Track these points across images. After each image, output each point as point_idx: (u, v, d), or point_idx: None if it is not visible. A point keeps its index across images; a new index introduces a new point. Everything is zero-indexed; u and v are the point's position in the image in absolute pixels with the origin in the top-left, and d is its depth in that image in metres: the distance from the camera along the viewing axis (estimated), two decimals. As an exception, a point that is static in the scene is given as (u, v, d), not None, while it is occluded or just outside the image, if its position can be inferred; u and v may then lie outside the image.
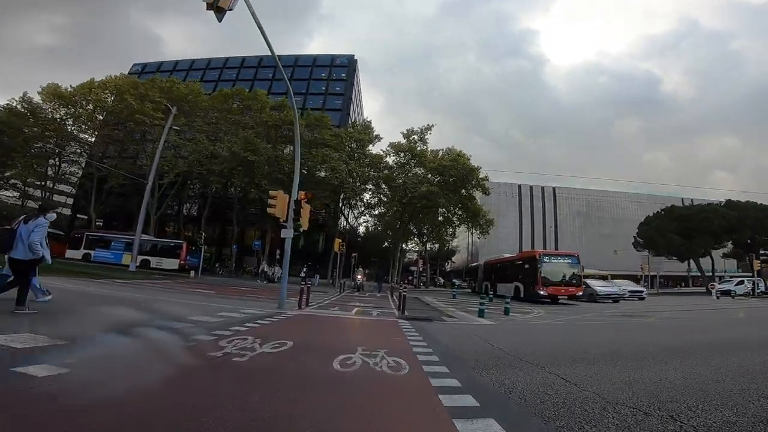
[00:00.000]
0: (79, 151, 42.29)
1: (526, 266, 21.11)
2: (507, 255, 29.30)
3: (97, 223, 47.32)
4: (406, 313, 11.26)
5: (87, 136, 41.86)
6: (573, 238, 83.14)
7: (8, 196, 48.52)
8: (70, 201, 54.62)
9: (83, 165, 44.98)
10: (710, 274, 52.58)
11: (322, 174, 33.76)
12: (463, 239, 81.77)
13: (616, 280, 27.26)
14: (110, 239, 30.76)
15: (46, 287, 7.46)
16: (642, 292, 26.20)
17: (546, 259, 20.10)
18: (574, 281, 19.78)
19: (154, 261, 27.89)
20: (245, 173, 31.99)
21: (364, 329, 8.38)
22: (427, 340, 6.29)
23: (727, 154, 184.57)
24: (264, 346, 4.84)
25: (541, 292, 19.26)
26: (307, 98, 58.20)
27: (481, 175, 33.97)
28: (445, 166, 32.88)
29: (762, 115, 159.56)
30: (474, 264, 43.07)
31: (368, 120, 42.55)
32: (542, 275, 19.42)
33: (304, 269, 24.22)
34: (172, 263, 28.32)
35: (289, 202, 11.83)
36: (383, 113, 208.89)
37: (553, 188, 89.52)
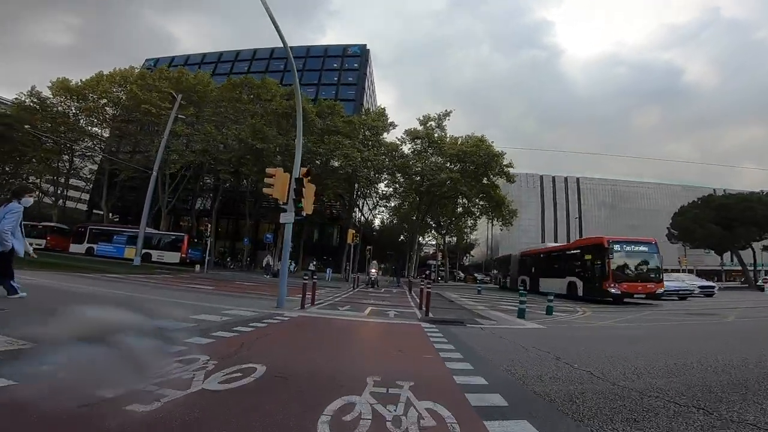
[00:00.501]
0: (91, 145, 41.59)
1: (588, 257, 17.42)
2: (552, 244, 26.56)
3: (114, 218, 47.00)
4: (430, 315, 9.26)
5: (98, 130, 41.15)
6: (599, 230, 79.21)
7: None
8: (86, 197, 54.54)
9: (97, 160, 44.50)
10: (752, 268, 48.84)
11: (336, 164, 31.96)
12: (481, 232, 79.05)
13: (678, 274, 24.26)
14: (113, 233, 29.68)
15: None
16: (713, 288, 23.23)
17: (617, 248, 16.14)
18: (652, 275, 16.04)
19: (155, 255, 26.61)
20: (254, 162, 30.40)
21: (378, 340, 6.41)
22: (471, 359, 4.29)
23: (753, 145, 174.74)
24: (211, 378, 2.92)
25: (613, 290, 15.49)
26: (319, 89, 57.16)
27: (505, 162, 31.49)
28: (466, 152, 30.53)
29: None
30: (501, 256, 38.91)
31: (382, 107, 40.45)
32: (612, 268, 15.68)
33: (313, 263, 22.40)
34: (173, 257, 27.00)
35: (290, 182, 9.93)
36: (396, 107, 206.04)
37: (577, 178, 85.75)
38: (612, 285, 15.60)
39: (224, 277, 20.68)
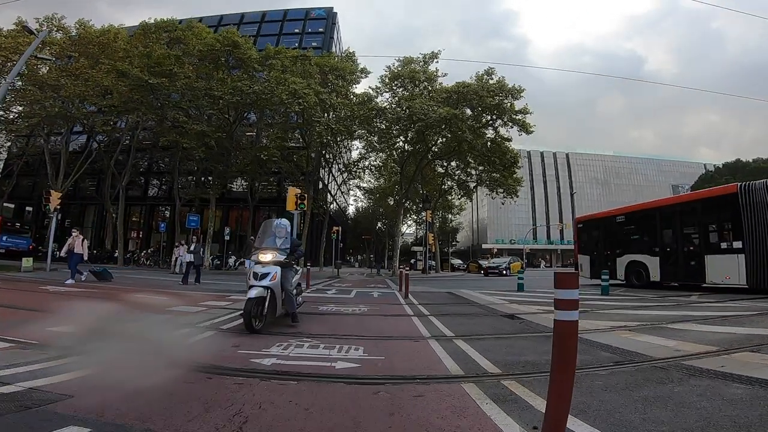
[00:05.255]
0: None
1: None
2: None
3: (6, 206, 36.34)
4: None
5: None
6: (592, 208, 72.94)
7: None
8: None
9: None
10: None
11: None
12: (464, 215, 71.08)
13: None
14: None
15: None
16: None
17: None
18: None
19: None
20: (147, 107, 20.77)
21: None
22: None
23: (710, 130, 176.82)
24: None
25: None
26: (277, 57, 47.67)
27: (518, 105, 22.77)
28: (469, 86, 21.67)
29: (742, 92, 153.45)
30: (604, 216, 16.26)
31: (351, 50, 30.98)
32: None
33: (194, 242, 12.65)
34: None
35: None
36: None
37: (566, 154, 79.00)
38: None
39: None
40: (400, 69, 25.17)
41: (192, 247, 12.11)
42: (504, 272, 25.33)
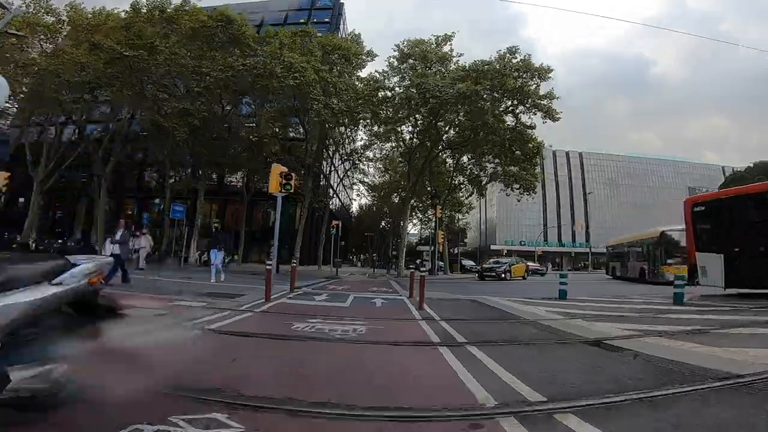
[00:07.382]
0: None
1: None
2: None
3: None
4: None
5: None
6: (605, 209, 70.07)
7: None
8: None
9: None
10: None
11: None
12: (473, 215, 68.28)
13: None
14: None
15: None
16: None
17: None
18: None
19: None
20: (123, 82, 18.49)
21: None
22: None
23: (715, 135, 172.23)
24: None
25: None
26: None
27: (543, 87, 20.17)
28: (489, 64, 19.04)
29: (750, 96, 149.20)
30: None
31: (357, 32, 28.59)
32: None
33: (120, 231, 9.22)
34: None
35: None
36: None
37: (579, 153, 75.96)
38: None
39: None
40: (410, 49, 22.74)
41: (118, 236, 9.02)
42: (503, 276, 20.91)
